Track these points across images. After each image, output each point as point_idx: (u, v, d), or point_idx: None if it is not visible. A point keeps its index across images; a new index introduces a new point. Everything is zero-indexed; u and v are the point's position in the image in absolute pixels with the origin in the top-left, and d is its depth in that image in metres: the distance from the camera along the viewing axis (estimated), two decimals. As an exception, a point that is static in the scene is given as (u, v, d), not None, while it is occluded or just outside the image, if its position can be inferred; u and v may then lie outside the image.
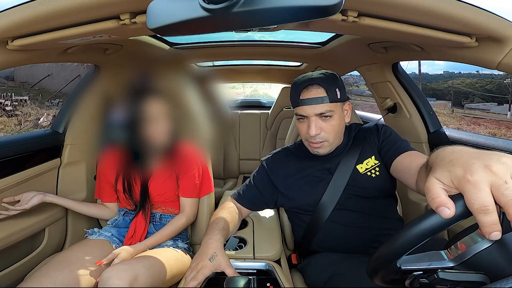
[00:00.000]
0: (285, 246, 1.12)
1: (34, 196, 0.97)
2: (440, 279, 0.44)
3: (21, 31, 0.66)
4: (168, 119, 1.00)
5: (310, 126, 0.84)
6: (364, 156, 0.91)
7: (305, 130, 0.88)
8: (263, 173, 1.00)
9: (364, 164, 0.90)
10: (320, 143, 0.87)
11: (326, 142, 0.88)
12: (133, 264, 0.81)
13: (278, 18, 0.40)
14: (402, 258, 0.45)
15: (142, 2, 0.55)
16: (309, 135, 0.86)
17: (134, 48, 1.13)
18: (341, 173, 0.89)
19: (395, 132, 0.93)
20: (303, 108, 0.86)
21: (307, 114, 0.85)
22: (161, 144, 1.01)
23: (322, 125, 0.85)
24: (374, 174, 0.89)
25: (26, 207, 0.95)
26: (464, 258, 0.42)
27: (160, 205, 1.06)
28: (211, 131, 1.04)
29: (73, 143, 1.20)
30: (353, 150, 0.92)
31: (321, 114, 0.84)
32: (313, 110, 0.84)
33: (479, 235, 0.42)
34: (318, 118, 0.85)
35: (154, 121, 0.97)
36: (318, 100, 0.83)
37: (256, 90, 10.11)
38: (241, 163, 2.43)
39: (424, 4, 0.57)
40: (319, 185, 0.91)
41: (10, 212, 0.93)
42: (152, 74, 1.03)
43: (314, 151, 0.91)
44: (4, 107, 10.30)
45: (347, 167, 0.89)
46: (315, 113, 0.84)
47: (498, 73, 18.61)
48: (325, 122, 0.85)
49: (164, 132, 0.99)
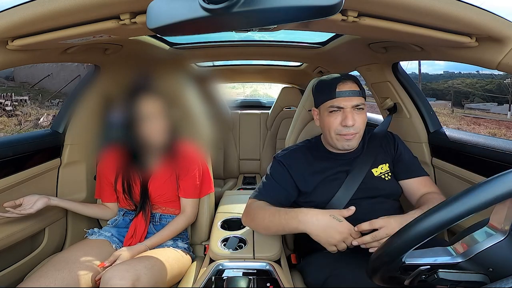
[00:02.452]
0: (285, 246, 1.12)
1: (38, 200, 0.95)
2: (440, 279, 0.44)
3: (21, 31, 0.66)
4: (166, 118, 0.99)
5: (348, 116, 0.88)
6: (379, 162, 0.96)
7: (338, 122, 0.90)
8: (282, 169, 0.99)
9: (379, 168, 0.95)
10: (353, 135, 0.91)
11: (358, 135, 0.92)
12: (135, 265, 0.81)
13: (278, 18, 0.40)
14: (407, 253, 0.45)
15: (142, 2, 0.55)
16: (344, 126, 0.89)
17: (134, 48, 1.13)
18: (356, 174, 0.93)
19: (408, 148, 1.02)
20: (339, 100, 0.89)
21: (344, 105, 0.89)
22: (160, 143, 1.01)
23: (356, 116, 0.90)
24: (387, 177, 0.95)
25: (31, 211, 0.93)
26: (473, 253, 0.43)
27: (160, 205, 1.06)
28: (211, 131, 1.04)
29: (73, 143, 1.20)
30: (369, 154, 0.96)
31: (357, 106, 0.89)
32: (350, 101, 0.89)
33: (488, 230, 0.42)
34: (354, 110, 0.90)
35: (152, 119, 0.97)
36: (356, 93, 0.89)
37: (256, 90, 10.11)
38: (241, 163, 2.43)
39: (424, 4, 0.57)
40: (334, 183, 0.94)
41: (12, 215, 0.91)
42: (152, 74, 1.03)
43: (345, 144, 0.92)
44: (4, 107, 10.30)
45: (363, 169, 0.93)
46: (352, 104, 0.89)
47: (498, 73, 18.62)
48: (358, 114, 0.90)
49: (162, 131, 0.99)
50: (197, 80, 1.09)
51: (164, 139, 1.01)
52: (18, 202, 0.93)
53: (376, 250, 0.50)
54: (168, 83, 1.03)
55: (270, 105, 2.58)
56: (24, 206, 0.93)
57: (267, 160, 2.37)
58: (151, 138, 0.98)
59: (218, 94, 1.19)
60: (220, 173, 2.33)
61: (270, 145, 2.40)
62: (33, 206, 0.93)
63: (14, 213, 0.91)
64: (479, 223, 0.45)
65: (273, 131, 2.39)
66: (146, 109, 0.96)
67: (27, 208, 0.92)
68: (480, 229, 0.44)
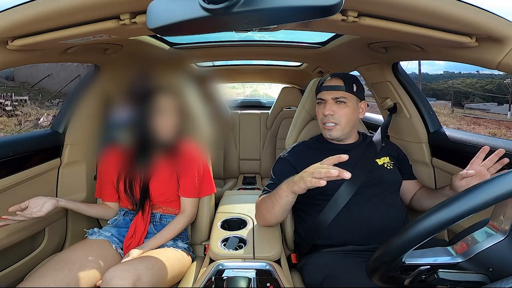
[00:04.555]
0: (285, 246, 1.12)
1: (47, 202, 0.92)
2: (440, 279, 0.44)
3: (21, 31, 0.66)
4: (174, 114, 1.01)
5: (326, 107, 1.00)
6: (381, 154, 1.04)
7: (321, 112, 1.02)
8: (289, 167, 1.02)
9: (381, 159, 1.03)
10: (332, 126, 1.00)
11: (338, 126, 1.00)
12: (136, 265, 0.81)
13: (278, 18, 0.40)
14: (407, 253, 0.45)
15: (142, 2, 0.55)
16: (323, 115, 1.00)
17: (134, 48, 1.13)
18: (363, 163, 0.98)
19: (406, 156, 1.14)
20: (322, 93, 1.03)
21: (326, 98, 1.01)
22: (166, 139, 1.01)
23: (336, 108, 1.00)
24: (390, 167, 1.02)
25: (41, 214, 0.90)
26: (473, 253, 0.43)
27: (161, 205, 1.06)
28: (211, 131, 1.04)
29: (73, 143, 1.20)
30: (373, 147, 1.05)
31: (336, 98, 0.99)
32: (330, 94, 1.01)
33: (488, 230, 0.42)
34: (334, 102, 1.00)
35: (163, 114, 0.98)
36: (336, 87, 1.00)
37: (256, 90, 10.10)
38: (241, 163, 2.43)
39: (424, 4, 0.57)
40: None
41: (22, 218, 0.87)
42: (153, 73, 1.04)
43: (327, 134, 1.03)
44: (4, 107, 10.30)
45: (368, 158, 1.00)
46: (332, 97, 1.00)
47: (498, 73, 18.61)
48: (339, 106, 1.00)
49: (170, 126, 1.00)
50: (197, 80, 1.09)
51: (171, 136, 1.02)
52: (23, 205, 0.90)
53: (376, 250, 0.50)
54: (171, 81, 1.04)
55: (270, 105, 2.58)
56: (31, 209, 0.90)
57: (267, 160, 2.37)
58: (161, 133, 0.99)
59: (218, 94, 1.19)
60: (220, 173, 2.33)
61: (270, 145, 2.40)
62: (42, 209, 0.91)
63: (23, 217, 0.87)
64: (479, 223, 0.45)
65: (273, 131, 2.39)
66: (160, 104, 0.99)
67: (35, 211, 0.90)
68: (480, 229, 0.44)
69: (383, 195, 0.95)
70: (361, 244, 0.89)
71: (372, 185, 0.95)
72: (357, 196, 0.92)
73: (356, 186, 0.93)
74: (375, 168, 0.99)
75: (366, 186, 0.94)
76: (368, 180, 0.94)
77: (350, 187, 0.93)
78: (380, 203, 0.93)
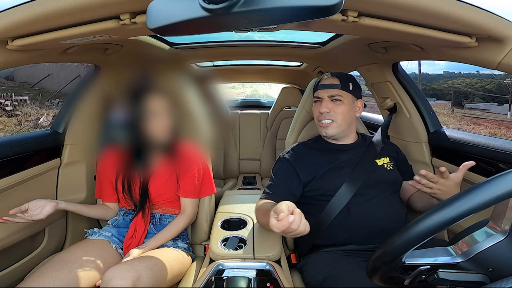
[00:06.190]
0: (285, 246, 1.12)
1: (46, 204, 0.92)
2: (440, 279, 0.44)
3: (21, 31, 0.66)
4: (169, 116, 1.00)
5: (322, 105, 1.02)
6: (381, 155, 1.04)
7: (317, 110, 1.04)
8: (288, 167, 1.03)
9: (381, 160, 1.03)
10: (328, 124, 1.01)
11: (334, 123, 1.01)
12: (136, 265, 0.81)
13: (278, 18, 0.40)
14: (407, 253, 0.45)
15: (142, 2, 0.55)
16: (319, 113, 1.02)
17: (134, 48, 1.13)
18: (363, 163, 0.99)
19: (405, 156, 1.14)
20: (319, 91, 1.05)
21: (322, 96, 1.03)
22: (162, 140, 1.01)
23: (331, 106, 1.01)
24: (389, 167, 1.02)
25: (42, 217, 0.90)
26: (473, 253, 0.43)
27: (161, 205, 1.06)
28: (211, 131, 1.04)
29: (73, 143, 1.20)
30: (373, 147, 1.05)
31: (332, 96, 1.01)
32: (325, 92, 1.02)
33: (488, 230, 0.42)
34: (330, 100, 1.02)
35: (156, 117, 0.97)
36: (332, 85, 1.02)
37: (256, 90, 10.12)
38: (241, 163, 2.43)
39: (424, 4, 0.57)
40: (342, 171, 0.98)
41: (22, 220, 0.88)
42: (152, 73, 1.04)
43: (323, 131, 1.04)
44: (4, 107, 10.30)
45: (368, 159, 1.01)
46: (328, 94, 1.02)
47: (498, 73, 18.61)
48: (335, 104, 1.01)
49: (165, 128, 1.00)
50: (197, 80, 1.09)
51: (167, 137, 1.01)
52: (23, 208, 0.89)
53: (376, 250, 0.50)
54: (169, 81, 1.03)
55: (270, 105, 2.58)
56: (31, 212, 0.90)
57: (267, 160, 2.37)
58: (155, 135, 0.99)
59: (218, 94, 1.19)
60: (220, 173, 2.32)
61: (270, 145, 2.40)
62: (42, 212, 0.91)
63: (23, 219, 0.87)
64: (479, 223, 0.45)
65: (273, 131, 2.39)
66: (151, 106, 0.97)
67: (36, 214, 0.90)
68: (480, 229, 0.44)
69: (383, 196, 0.94)
70: (361, 244, 0.90)
71: (372, 185, 0.95)
72: (357, 197, 0.92)
73: (356, 187, 0.93)
74: (375, 168, 0.99)
75: (366, 187, 0.94)
76: (368, 181, 0.94)
77: (351, 187, 0.93)
78: (380, 203, 0.93)
